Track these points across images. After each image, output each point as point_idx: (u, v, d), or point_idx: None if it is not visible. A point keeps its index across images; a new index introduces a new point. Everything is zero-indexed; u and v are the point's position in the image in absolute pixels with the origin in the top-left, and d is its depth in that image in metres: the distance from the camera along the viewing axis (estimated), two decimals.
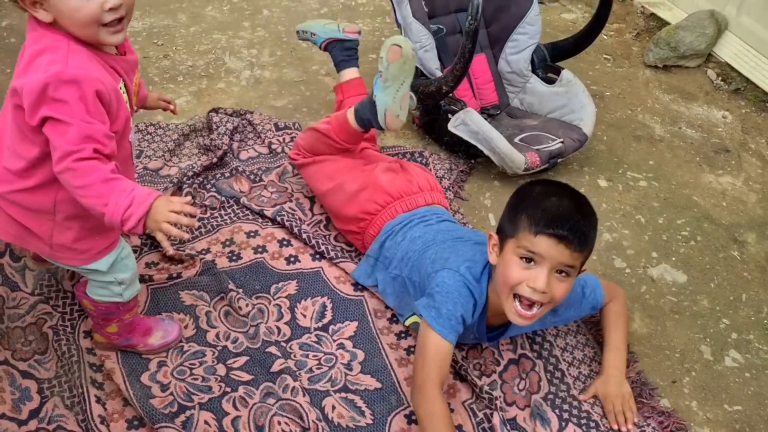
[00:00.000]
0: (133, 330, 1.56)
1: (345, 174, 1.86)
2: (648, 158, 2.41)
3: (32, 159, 1.22)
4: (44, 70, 1.13)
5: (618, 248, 2.04)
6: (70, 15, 1.15)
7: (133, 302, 1.51)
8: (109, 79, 1.21)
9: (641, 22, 3.15)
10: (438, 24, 2.33)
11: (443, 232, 1.70)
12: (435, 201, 1.85)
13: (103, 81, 1.18)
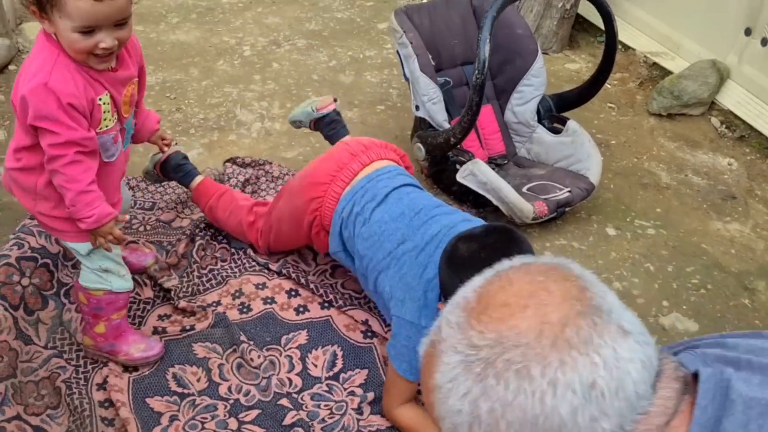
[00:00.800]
0: (118, 336, 1.67)
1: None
2: (655, 206, 2.43)
3: (24, 146, 1.43)
4: (29, 80, 1.32)
5: (628, 297, 2.04)
6: (67, 43, 1.31)
7: (122, 301, 1.64)
8: (90, 91, 1.37)
9: (644, 72, 3.21)
10: (445, 77, 2.39)
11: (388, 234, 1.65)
12: (373, 158, 1.81)
13: (78, 94, 1.34)
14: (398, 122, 2.74)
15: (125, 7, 1.31)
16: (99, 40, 1.30)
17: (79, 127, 1.36)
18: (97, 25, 1.29)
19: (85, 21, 1.27)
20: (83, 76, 1.36)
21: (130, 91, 1.49)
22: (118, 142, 1.52)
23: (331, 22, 3.52)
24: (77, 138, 1.36)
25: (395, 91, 2.97)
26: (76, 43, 1.29)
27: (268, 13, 3.56)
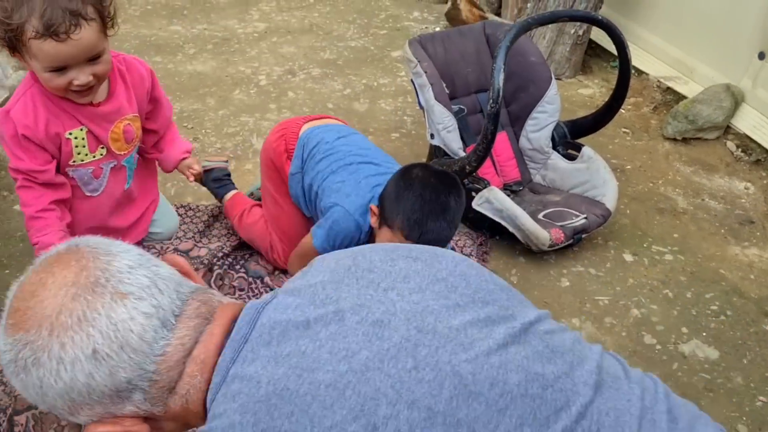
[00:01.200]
0: None
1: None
2: (672, 231, 2.42)
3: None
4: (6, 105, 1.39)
5: (647, 324, 2.02)
6: (43, 81, 1.32)
7: None
8: (54, 126, 1.38)
9: (658, 96, 3.22)
10: (459, 104, 2.41)
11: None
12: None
13: (34, 128, 1.36)
14: (413, 149, 2.76)
15: (93, 45, 1.28)
16: (72, 78, 1.30)
17: (26, 158, 1.39)
18: (66, 65, 1.28)
19: (52, 62, 1.27)
20: (50, 109, 1.37)
21: (122, 127, 1.47)
22: (101, 177, 1.51)
23: (345, 51, 3.57)
24: (22, 168, 1.41)
25: (410, 118, 2.99)
26: (50, 81, 1.30)
27: (283, 42, 3.61)
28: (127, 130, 1.50)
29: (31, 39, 1.22)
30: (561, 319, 2.02)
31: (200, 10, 3.91)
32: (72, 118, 1.39)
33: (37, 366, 0.76)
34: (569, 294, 2.11)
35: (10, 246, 2.14)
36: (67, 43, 1.23)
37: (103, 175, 1.52)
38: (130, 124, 1.50)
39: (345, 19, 3.97)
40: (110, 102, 1.44)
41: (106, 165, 1.50)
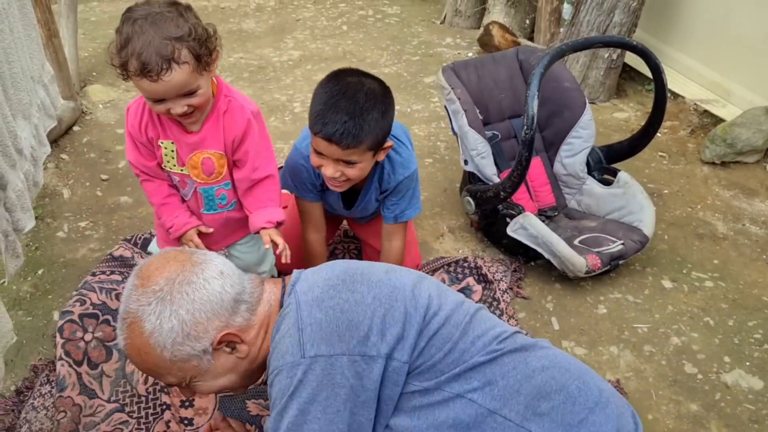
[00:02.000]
0: None
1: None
2: (712, 257, 2.37)
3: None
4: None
5: (687, 353, 1.98)
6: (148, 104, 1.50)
7: None
8: (150, 131, 1.58)
9: (695, 119, 3.18)
10: (493, 130, 2.41)
11: None
12: None
13: (137, 127, 1.57)
14: (446, 175, 2.77)
15: (184, 84, 1.40)
16: (169, 107, 1.45)
17: (132, 150, 1.61)
18: (163, 98, 1.42)
19: (150, 95, 1.42)
20: (153, 117, 1.57)
21: (201, 159, 1.58)
22: (186, 188, 1.69)
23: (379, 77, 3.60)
24: (131, 159, 1.63)
25: (443, 144, 3.00)
26: (153, 107, 1.49)
27: (317, 70, 3.67)
28: (206, 163, 1.59)
29: (131, 75, 1.39)
30: (598, 347, 1.99)
31: (236, 39, 4.00)
32: (164, 131, 1.57)
33: (189, 284, 1.20)
34: (607, 321, 2.08)
35: (53, 272, 2.19)
36: (159, 83, 1.37)
37: (188, 188, 1.68)
38: (211, 159, 1.59)
39: (378, 46, 4.02)
40: (197, 134, 1.56)
41: (189, 182, 1.66)
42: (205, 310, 1.20)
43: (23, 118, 1.85)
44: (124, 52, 1.36)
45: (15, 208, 1.68)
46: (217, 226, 1.76)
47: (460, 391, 1.22)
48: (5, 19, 1.77)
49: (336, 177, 1.67)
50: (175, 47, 1.36)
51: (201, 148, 1.57)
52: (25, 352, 1.90)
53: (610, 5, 3.14)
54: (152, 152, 1.61)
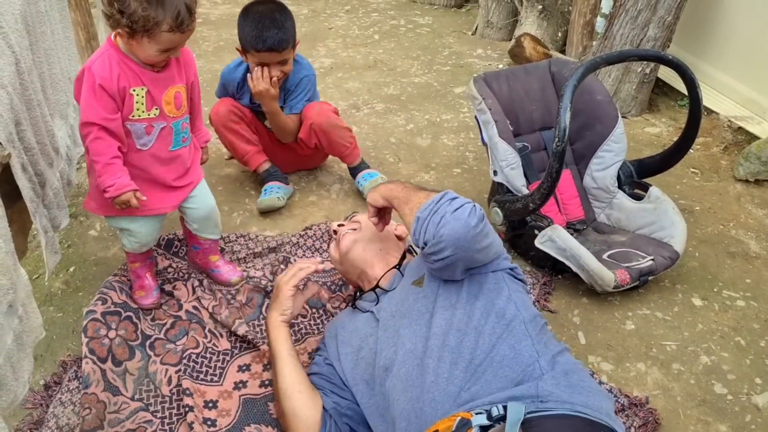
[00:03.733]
0: (136, 279, 2.02)
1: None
2: (744, 276, 2.33)
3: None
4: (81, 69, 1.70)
5: (717, 373, 1.94)
6: (145, 56, 1.67)
7: (132, 256, 1.99)
8: (123, 81, 1.68)
9: (728, 136, 3.13)
10: (523, 142, 2.40)
11: None
12: None
13: (110, 79, 1.66)
14: (475, 185, 2.76)
15: (189, 37, 1.71)
16: (170, 55, 1.71)
17: (99, 106, 1.67)
18: (172, 48, 1.68)
19: (169, 46, 1.66)
20: (122, 68, 1.68)
21: (173, 93, 1.80)
22: (151, 134, 1.79)
23: (409, 87, 3.62)
24: (96, 117, 1.67)
25: (471, 154, 3.00)
26: (153, 57, 1.67)
27: (348, 78, 3.69)
28: (177, 97, 1.81)
29: (164, 32, 1.60)
30: (626, 363, 1.96)
31: None
32: (137, 78, 1.70)
33: None
34: (634, 337, 2.05)
35: (84, 269, 2.23)
36: (184, 34, 1.65)
37: (153, 133, 1.79)
38: (180, 93, 1.82)
39: (409, 55, 4.04)
40: (166, 71, 1.77)
41: (156, 125, 1.79)
42: None
43: (60, 117, 1.89)
44: (156, 12, 1.57)
45: (52, 206, 1.72)
46: (178, 166, 1.91)
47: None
48: (46, 21, 1.81)
49: (279, 76, 2.37)
50: (193, 2, 1.65)
51: (172, 84, 1.79)
52: (54, 348, 1.93)
53: (645, 19, 3.12)
54: (117, 105, 1.71)
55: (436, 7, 4.87)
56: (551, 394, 1.26)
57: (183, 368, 1.84)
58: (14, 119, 1.44)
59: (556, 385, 1.28)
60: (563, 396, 1.26)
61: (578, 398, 1.27)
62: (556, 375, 1.32)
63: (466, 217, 1.41)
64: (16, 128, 1.47)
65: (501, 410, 1.18)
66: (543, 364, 1.34)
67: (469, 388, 1.32)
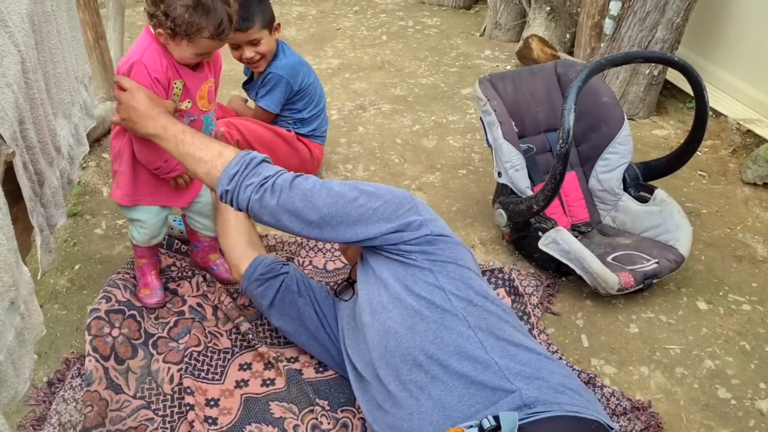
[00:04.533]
0: (141, 276, 2.04)
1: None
2: (751, 280, 2.31)
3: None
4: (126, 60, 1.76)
5: (721, 377, 1.93)
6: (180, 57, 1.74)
7: (140, 250, 2.02)
8: (169, 73, 1.75)
9: (737, 139, 3.11)
10: (528, 143, 2.39)
11: None
12: None
13: (161, 72, 1.73)
14: (480, 186, 2.76)
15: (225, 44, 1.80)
16: (205, 59, 1.80)
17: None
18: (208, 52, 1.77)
19: (204, 50, 1.73)
20: (168, 60, 1.74)
21: (206, 89, 1.85)
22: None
23: (416, 88, 3.61)
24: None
25: (477, 155, 2.99)
26: (188, 59, 1.75)
27: (355, 78, 3.70)
28: (209, 91, 1.89)
29: (204, 38, 1.66)
30: (629, 366, 1.95)
31: None
32: (177, 72, 1.77)
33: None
34: (638, 341, 2.04)
35: (89, 268, 2.24)
36: (223, 41, 1.73)
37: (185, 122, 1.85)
38: (211, 87, 1.89)
39: (416, 56, 4.04)
40: (200, 69, 1.84)
41: (187, 117, 1.84)
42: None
43: (63, 117, 1.90)
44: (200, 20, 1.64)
45: (49, 204, 1.73)
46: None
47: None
48: (53, 21, 1.82)
49: (253, 57, 2.40)
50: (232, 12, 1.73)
51: (206, 79, 1.85)
52: (58, 345, 1.94)
53: (653, 21, 3.10)
54: (166, 97, 1.78)
55: (444, 8, 4.87)
56: (536, 400, 1.26)
57: (185, 366, 1.84)
58: (18, 118, 1.45)
59: (538, 388, 1.28)
60: (549, 398, 1.26)
61: (563, 398, 1.27)
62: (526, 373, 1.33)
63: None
64: (20, 126, 1.47)
65: (492, 421, 1.17)
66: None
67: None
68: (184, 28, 1.65)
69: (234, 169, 1.56)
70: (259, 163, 1.58)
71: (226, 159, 1.58)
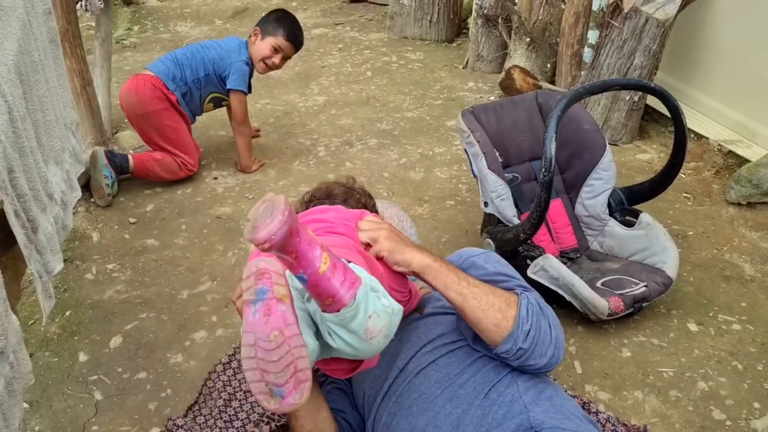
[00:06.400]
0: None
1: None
2: (740, 300, 2.33)
3: None
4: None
5: (715, 398, 1.93)
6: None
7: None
8: None
9: (719, 160, 3.16)
10: (513, 173, 2.42)
11: None
12: None
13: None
14: (468, 217, 2.78)
15: None
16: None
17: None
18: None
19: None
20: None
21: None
22: None
23: (402, 122, 3.66)
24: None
25: (464, 186, 3.02)
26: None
27: (341, 114, 3.74)
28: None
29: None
30: (623, 392, 1.95)
31: (263, 86, 4.10)
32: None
33: None
34: (631, 365, 2.05)
35: (80, 313, 2.23)
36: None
37: None
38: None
39: (401, 90, 4.09)
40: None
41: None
42: None
43: (55, 163, 1.92)
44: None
45: (45, 251, 1.73)
46: None
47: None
48: (41, 70, 1.85)
49: (278, 65, 3.02)
50: None
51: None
52: (50, 393, 1.93)
53: (630, 48, 3.17)
54: None
55: (427, 42, 4.95)
56: (543, 423, 1.26)
57: None
58: (7, 167, 1.47)
59: (545, 412, 1.28)
60: (555, 422, 1.26)
61: (569, 424, 1.27)
62: (541, 400, 1.33)
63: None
64: (9, 175, 1.49)
65: None
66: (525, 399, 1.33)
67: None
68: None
69: (527, 313, 1.33)
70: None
71: (515, 308, 1.33)
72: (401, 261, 1.34)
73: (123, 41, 4.86)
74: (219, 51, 2.96)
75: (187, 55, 2.95)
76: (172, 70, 2.91)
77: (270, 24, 2.96)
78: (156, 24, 5.29)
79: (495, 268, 1.45)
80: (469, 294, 1.31)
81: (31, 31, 1.74)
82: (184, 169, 2.97)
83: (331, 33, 5.12)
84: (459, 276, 1.34)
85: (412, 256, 1.34)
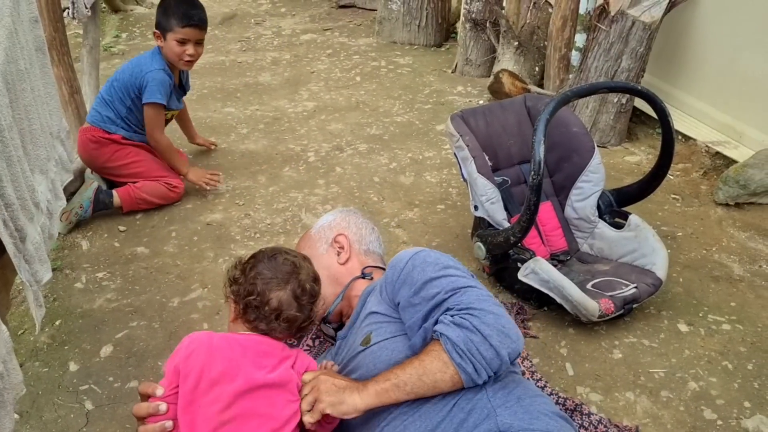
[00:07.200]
0: None
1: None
2: (729, 300, 2.34)
3: None
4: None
5: (706, 398, 1.94)
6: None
7: None
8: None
9: (707, 161, 3.18)
10: (503, 176, 2.44)
11: None
12: None
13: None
14: (458, 221, 2.78)
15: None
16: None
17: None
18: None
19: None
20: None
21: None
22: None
23: (391, 126, 3.67)
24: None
25: (455, 190, 3.03)
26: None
27: (331, 120, 3.74)
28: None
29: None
30: (614, 393, 1.96)
31: (252, 92, 4.10)
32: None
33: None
34: (622, 366, 2.05)
35: (70, 322, 2.22)
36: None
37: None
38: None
39: (390, 95, 4.10)
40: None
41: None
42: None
43: (40, 172, 1.91)
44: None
45: (33, 260, 1.72)
46: None
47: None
48: (27, 79, 1.84)
49: (194, 54, 2.75)
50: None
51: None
52: (40, 404, 1.92)
53: (617, 51, 3.19)
54: None
55: (416, 47, 4.96)
56: (511, 426, 1.28)
57: None
58: None
59: (513, 414, 1.30)
60: (523, 424, 1.28)
61: (538, 424, 1.28)
62: (509, 402, 1.34)
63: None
64: None
65: None
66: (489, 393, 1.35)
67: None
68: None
69: (459, 355, 1.33)
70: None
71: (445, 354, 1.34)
72: (347, 411, 1.35)
73: (111, 49, 4.85)
74: (131, 69, 2.82)
75: (110, 90, 2.84)
76: (104, 113, 2.83)
77: (162, 20, 2.77)
78: (144, 31, 5.29)
79: (424, 276, 1.46)
80: (415, 384, 1.34)
81: (18, 40, 1.73)
82: (173, 191, 2.86)
83: (320, 38, 5.13)
84: (399, 379, 1.35)
85: (353, 401, 1.35)
